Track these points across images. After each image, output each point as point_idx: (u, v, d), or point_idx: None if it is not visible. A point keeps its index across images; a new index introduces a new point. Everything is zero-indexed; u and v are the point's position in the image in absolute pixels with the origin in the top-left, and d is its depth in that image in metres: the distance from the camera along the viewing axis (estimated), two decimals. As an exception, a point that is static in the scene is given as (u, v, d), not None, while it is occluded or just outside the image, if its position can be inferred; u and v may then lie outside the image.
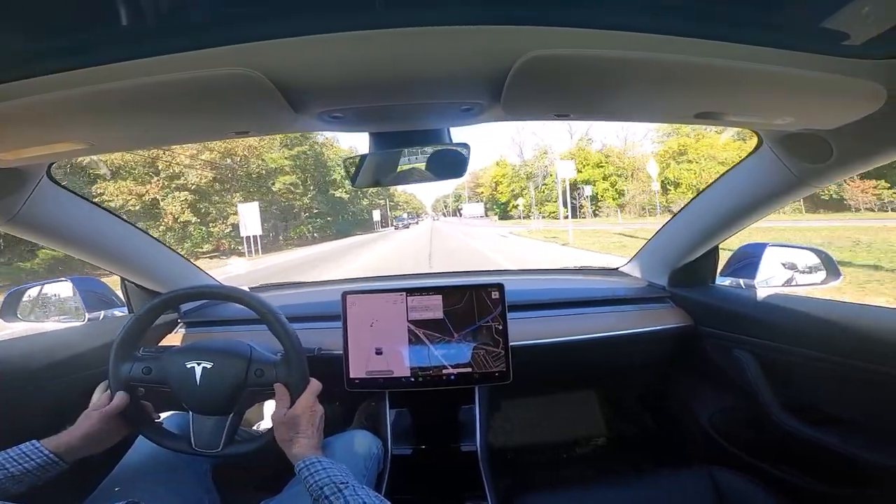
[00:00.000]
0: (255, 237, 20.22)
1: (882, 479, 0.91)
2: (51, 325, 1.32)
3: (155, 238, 1.34)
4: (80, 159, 14.85)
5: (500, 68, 0.57)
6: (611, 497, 1.00)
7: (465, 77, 0.63)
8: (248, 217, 19.15)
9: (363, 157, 0.91)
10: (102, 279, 1.55)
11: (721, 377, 1.35)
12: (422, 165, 0.90)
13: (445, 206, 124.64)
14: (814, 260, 1.34)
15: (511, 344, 1.19)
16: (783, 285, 1.35)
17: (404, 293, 1.21)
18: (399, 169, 0.91)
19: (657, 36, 0.54)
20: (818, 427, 1.05)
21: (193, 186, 22.22)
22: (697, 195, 1.32)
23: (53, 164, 0.94)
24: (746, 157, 1.05)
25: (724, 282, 1.47)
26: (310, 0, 0.52)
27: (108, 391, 0.94)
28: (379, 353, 1.20)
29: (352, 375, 1.19)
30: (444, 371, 1.18)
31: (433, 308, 1.20)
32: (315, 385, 0.95)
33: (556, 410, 1.97)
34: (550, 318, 1.41)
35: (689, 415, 1.47)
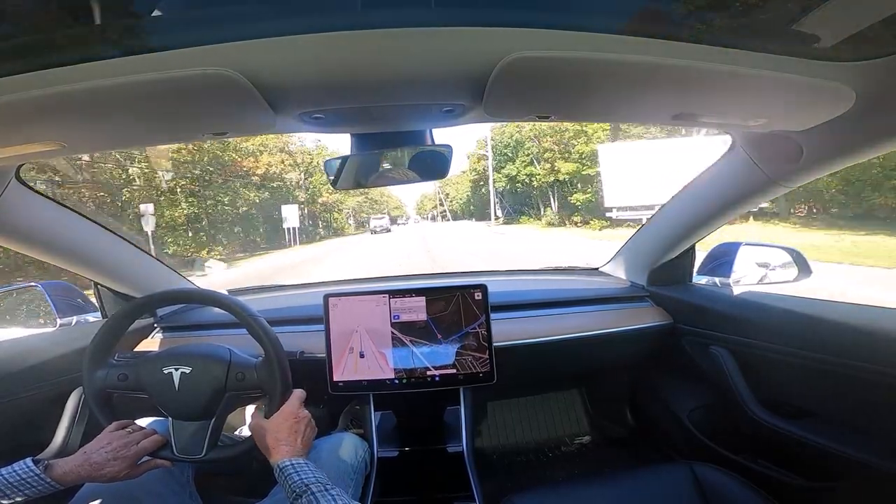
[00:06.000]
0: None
1: (854, 472, 0.95)
2: (20, 332, 1.27)
3: (129, 241, 1.30)
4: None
5: (482, 70, 0.58)
6: (596, 494, 1.01)
7: (447, 79, 0.63)
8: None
9: (344, 158, 0.90)
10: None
11: (700, 374, 1.38)
12: (404, 166, 0.90)
13: (440, 203, 75.67)
14: (786, 258, 1.38)
15: (495, 345, 1.20)
16: (757, 283, 1.39)
17: (387, 295, 1.21)
18: (381, 170, 0.91)
19: (636, 38, 0.55)
20: (793, 421, 1.08)
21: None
22: (674, 196, 1.35)
23: (23, 165, 0.91)
24: (720, 157, 1.08)
25: (700, 280, 1.50)
26: (290, 0, 0.52)
27: (141, 429, 0.92)
28: (362, 355, 1.19)
29: (335, 378, 1.18)
30: (429, 373, 1.18)
31: (416, 310, 1.20)
32: (299, 393, 0.93)
33: (540, 410, 1.99)
34: (533, 318, 1.42)
35: (669, 411, 1.50)
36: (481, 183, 42.99)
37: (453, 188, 65.41)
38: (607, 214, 16.78)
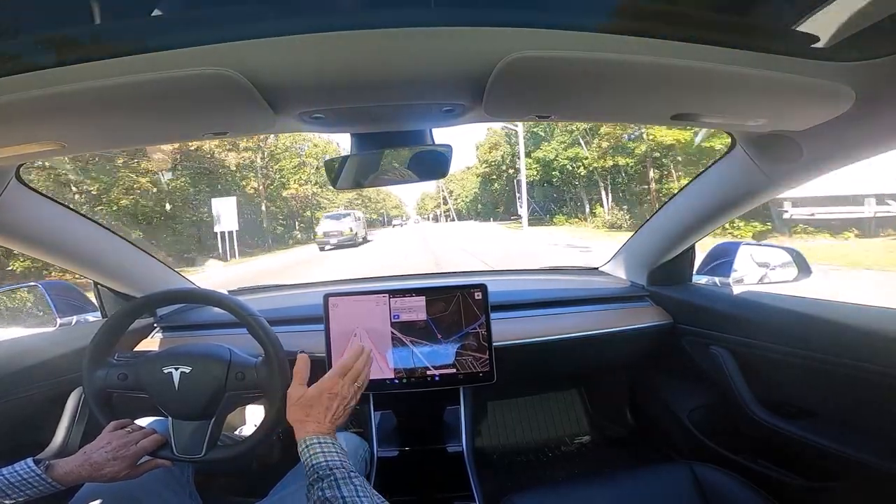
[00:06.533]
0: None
1: (854, 472, 0.95)
2: (20, 332, 1.27)
3: (130, 241, 1.30)
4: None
5: (482, 70, 0.58)
6: (596, 494, 1.01)
7: (447, 78, 0.63)
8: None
9: (344, 158, 0.90)
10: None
11: (699, 374, 1.38)
12: (404, 166, 0.90)
13: (444, 201, 64.89)
14: (786, 258, 1.38)
15: (494, 344, 1.20)
16: (757, 283, 1.39)
17: (387, 295, 1.21)
18: (381, 169, 0.91)
19: (636, 38, 0.55)
20: (793, 421, 1.08)
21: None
22: (674, 195, 1.35)
23: (23, 165, 0.91)
24: (721, 157, 1.08)
25: (700, 280, 1.50)
26: (290, 0, 0.52)
27: (141, 429, 0.92)
28: (362, 355, 1.19)
29: None
30: (428, 372, 1.18)
31: (416, 309, 1.20)
32: (342, 364, 0.87)
33: (540, 410, 1.99)
34: (533, 317, 1.42)
35: (669, 411, 1.50)
36: (493, 177, 36.65)
37: (458, 185, 57.88)
38: (785, 215, 10.79)
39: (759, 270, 1.40)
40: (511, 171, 30.07)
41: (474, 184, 47.65)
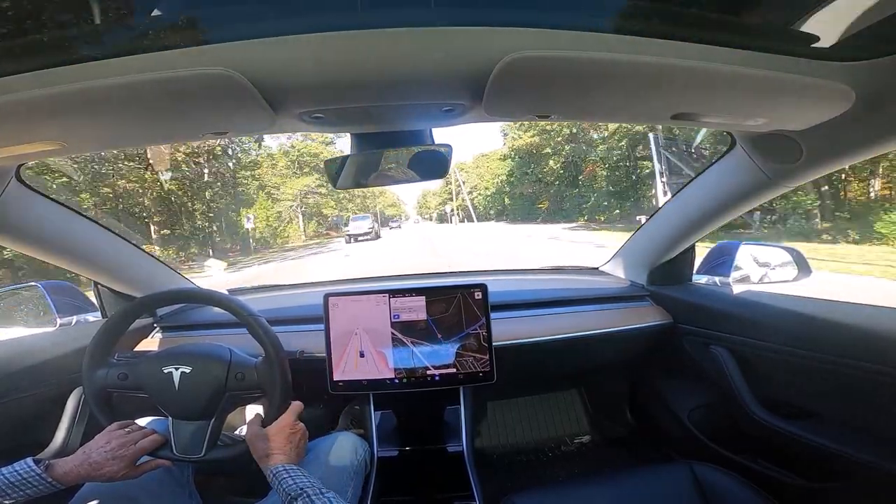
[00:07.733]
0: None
1: (854, 472, 0.95)
2: (20, 332, 1.27)
3: (130, 241, 1.30)
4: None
5: (482, 70, 0.58)
6: (596, 494, 1.01)
7: (447, 78, 0.63)
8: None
9: (345, 158, 0.90)
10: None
11: (700, 373, 1.38)
12: (404, 166, 0.90)
13: (454, 195, 51.41)
14: (786, 257, 1.38)
15: (494, 344, 1.20)
16: (757, 282, 1.39)
17: (387, 295, 1.21)
18: (381, 169, 0.91)
19: (635, 38, 0.55)
20: (793, 421, 1.08)
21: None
22: (674, 195, 1.35)
23: (23, 165, 0.91)
24: (721, 157, 1.08)
25: (700, 279, 1.50)
26: (290, 0, 0.52)
27: (140, 429, 0.93)
28: (362, 355, 1.19)
29: (335, 378, 1.18)
30: (428, 372, 1.18)
31: (417, 309, 1.20)
32: (296, 406, 0.95)
33: (540, 410, 1.99)
34: (533, 317, 1.42)
35: (669, 411, 1.50)
36: (546, 150, 23.44)
37: (472, 175, 46.50)
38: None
39: (759, 270, 1.40)
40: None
41: (499, 170, 34.60)
